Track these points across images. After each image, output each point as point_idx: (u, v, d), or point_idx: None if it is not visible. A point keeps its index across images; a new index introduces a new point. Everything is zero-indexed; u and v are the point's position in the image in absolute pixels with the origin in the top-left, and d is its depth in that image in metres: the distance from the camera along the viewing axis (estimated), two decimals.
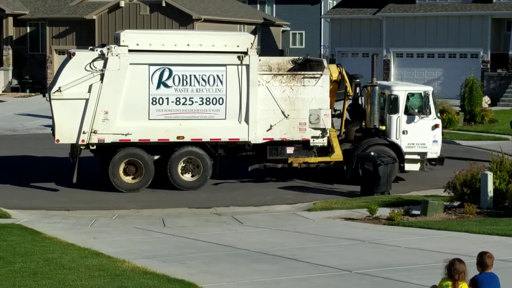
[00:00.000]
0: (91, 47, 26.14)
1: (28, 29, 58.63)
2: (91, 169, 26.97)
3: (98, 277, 13.93)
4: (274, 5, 70.54)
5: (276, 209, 22.86)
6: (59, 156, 29.96)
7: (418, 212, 20.91)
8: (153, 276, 14.05)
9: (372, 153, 24.96)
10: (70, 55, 24.18)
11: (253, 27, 59.14)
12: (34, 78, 57.16)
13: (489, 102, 47.27)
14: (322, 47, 68.88)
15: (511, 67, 49.64)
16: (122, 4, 53.42)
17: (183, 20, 52.37)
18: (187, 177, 25.09)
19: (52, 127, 25.07)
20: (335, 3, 66.25)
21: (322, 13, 65.82)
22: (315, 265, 15.23)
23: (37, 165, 29.28)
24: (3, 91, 57.26)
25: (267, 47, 59.73)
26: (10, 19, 57.70)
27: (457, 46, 51.28)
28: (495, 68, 50.33)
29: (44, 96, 25.15)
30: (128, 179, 24.72)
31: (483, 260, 9.98)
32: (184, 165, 24.98)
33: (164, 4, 52.45)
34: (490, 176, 21.27)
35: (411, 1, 53.12)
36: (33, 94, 55.56)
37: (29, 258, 15.44)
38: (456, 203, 21.90)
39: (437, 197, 22.82)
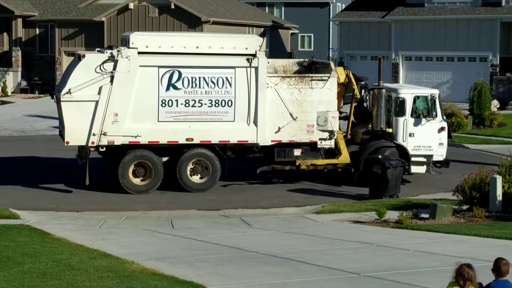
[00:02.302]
0: (98, 49, 26.18)
1: (37, 31, 58.74)
2: (100, 171, 27.01)
3: (107, 278, 13.95)
4: (283, 8, 70.61)
5: (285, 211, 22.86)
6: (67, 157, 30.02)
7: (426, 216, 20.89)
8: (161, 277, 14.06)
9: (380, 156, 24.98)
10: (79, 57, 24.19)
11: (262, 29, 59.17)
12: (43, 79, 57.26)
13: (498, 105, 47.19)
14: (330, 50, 68.89)
15: None
16: (131, 6, 53.49)
17: (192, 23, 52.40)
18: (196, 178, 25.17)
19: (60, 128, 25.09)
20: (344, 6, 66.24)
21: (331, 16, 65.82)
22: (324, 267, 15.22)
23: (45, 166, 29.34)
24: (12, 93, 57.36)
25: (275, 50, 59.75)
26: (19, 20, 57.83)
27: (466, 50, 51.19)
28: (504, 72, 50.23)
29: (52, 97, 25.18)
30: (137, 181, 24.78)
31: (498, 266, 9.93)
32: (193, 166, 25.06)
33: (173, 6, 52.49)
34: (499, 180, 21.25)
35: (420, 5, 53.07)
36: (42, 95, 55.63)
37: (38, 259, 15.47)
38: (465, 207, 21.87)
39: (446, 200, 22.79)
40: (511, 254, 14.27)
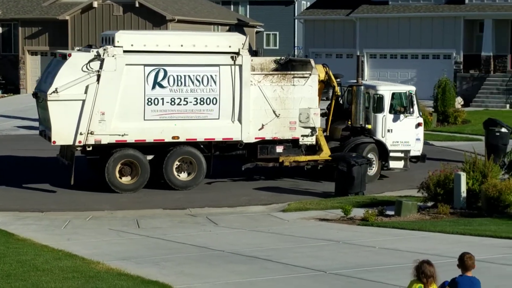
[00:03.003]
0: (78, 48, 26.08)
1: (0, 30, 58.22)
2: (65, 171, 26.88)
3: (72, 278, 13.86)
4: (248, 6, 70.60)
5: (251, 210, 22.85)
6: (32, 156, 29.83)
7: (392, 213, 20.99)
8: (127, 277, 13.99)
9: (351, 154, 25.23)
10: (64, 56, 24.03)
11: (227, 27, 59.12)
12: (7, 79, 56.74)
13: (462, 103, 47.55)
14: (296, 48, 69.00)
15: (483, 68, 49.98)
16: (95, 4, 53.20)
17: (157, 21, 52.23)
18: (182, 176, 25.20)
19: (42, 128, 24.98)
20: (308, 4, 66.37)
21: (296, 14, 65.93)
22: (290, 265, 15.24)
23: (9, 166, 29.06)
24: None
25: None
26: None
27: (430, 47, 51.52)
28: (467, 69, 50.64)
29: (34, 97, 24.94)
30: (124, 180, 24.70)
31: (463, 260, 10.01)
32: (178, 164, 25.09)
33: (137, 5, 52.29)
34: (463, 176, 21.40)
35: (385, 3, 53.33)
36: (5, 95, 55.17)
37: (2, 260, 15.32)
38: (429, 204, 22.00)
39: (411, 197, 22.91)
40: (476, 250, 14.38)
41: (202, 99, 24.71)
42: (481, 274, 10.88)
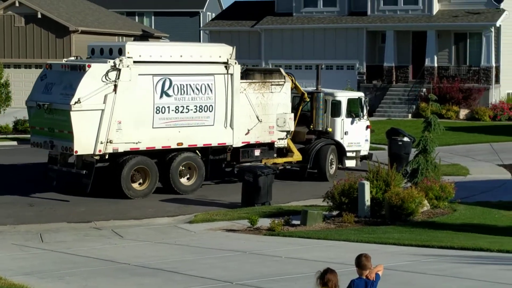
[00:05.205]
0: (65, 59, 26.61)
1: None
2: None
3: None
4: (153, 17, 70.41)
5: (157, 221, 22.71)
6: None
7: (298, 222, 21.14)
8: None
9: (257, 164, 25.75)
10: (75, 67, 24.39)
11: (132, 38, 58.77)
12: None
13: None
14: None
15: (386, 79, 50.90)
16: None
17: (60, 32, 51.62)
18: (185, 181, 26.37)
19: (45, 139, 24.94)
20: (214, 15, 66.54)
21: (201, 25, 66.02)
22: (196, 277, 15.18)
23: None
24: None
25: None
26: None
27: (334, 58, 52.19)
28: (370, 80, 51.50)
29: (41, 107, 24.53)
30: (137, 186, 25.54)
31: (360, 261, 10.15)
32: (181, 169, 26.13)
33: (40, 16, 51.56)
34: (367, 185, 21.72)
35: (289, 14, 53.82)
36: None
37: None
38: (335, 213, 22.25)
39: (316, 207, 23.12)
40: (379, 258, 14.62)
41: (201, 107, 26.22)
42: (384, 281, 11.05)
